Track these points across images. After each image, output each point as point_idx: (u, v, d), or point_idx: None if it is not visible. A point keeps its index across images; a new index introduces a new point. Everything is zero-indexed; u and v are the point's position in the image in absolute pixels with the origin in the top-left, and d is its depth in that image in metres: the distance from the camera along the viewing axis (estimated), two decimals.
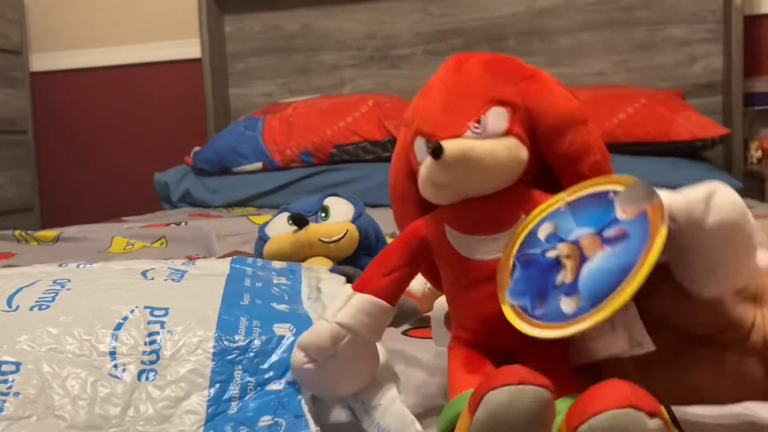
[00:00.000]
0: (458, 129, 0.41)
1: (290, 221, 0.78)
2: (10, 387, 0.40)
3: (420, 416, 0.48)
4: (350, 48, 2.42)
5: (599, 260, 0.35)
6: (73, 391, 0.40)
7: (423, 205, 0.46)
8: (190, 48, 2.53)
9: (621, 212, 0.36)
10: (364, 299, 0.42)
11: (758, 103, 2.06)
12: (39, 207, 2.75)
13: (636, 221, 0.35)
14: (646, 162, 1.75)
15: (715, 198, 0.33)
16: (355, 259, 0.79)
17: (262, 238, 0.81)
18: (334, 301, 0.43)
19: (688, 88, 2.12)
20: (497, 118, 0.41)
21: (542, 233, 0.39)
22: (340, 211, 0.81)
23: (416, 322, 0.69)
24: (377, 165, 2.00)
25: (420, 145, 0.44)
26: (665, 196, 0.35)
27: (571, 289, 0.35)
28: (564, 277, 0.36)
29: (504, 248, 0.40)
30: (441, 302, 0.62)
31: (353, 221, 0.80)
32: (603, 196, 0.38)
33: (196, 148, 2.21)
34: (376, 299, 0.42)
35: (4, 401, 0.39)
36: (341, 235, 0.77)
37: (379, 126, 2.02)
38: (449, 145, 0.40)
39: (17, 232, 1.46)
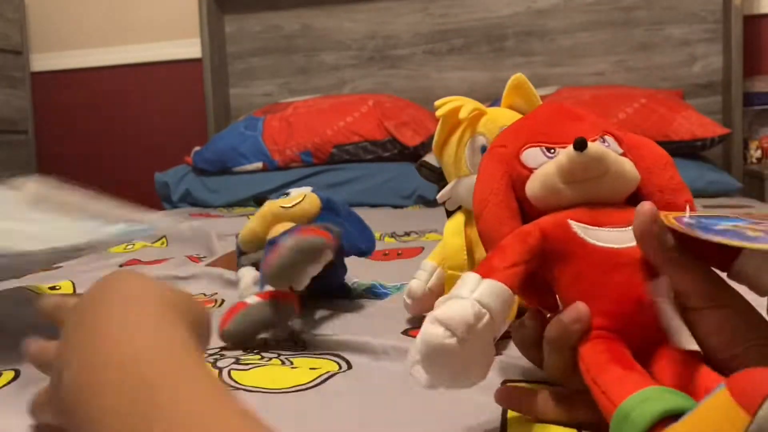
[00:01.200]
0: (587, 136, 0.43)
1: (255, 205, 0.82)
2: None
3: (419, 413, 0.48)
4: (350, 48, 2.42)
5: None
6: None
7: (520, 216, 0.46)
8: (190, 48, 2.53)
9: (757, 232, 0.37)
10: (495, 284, 0.40)
11: (758, 103, 2.06)
12: None
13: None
14: None
15: None
16: (319, 221, 0.81)
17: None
18: (462, 284, 0.41)
19: (688, 88, 2.13)
20: (613, 142, 0.46)
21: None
22: (299, 190, 0.84)
23: (416, 322, 0.70)
24: (377, 165, 2.01)
25: (533, 154, 0.45)
26: None
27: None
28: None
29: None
30: (441, 301, 0.62)
31: (312, 192, 0.83)
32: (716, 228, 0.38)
33: (197, 148, 2.22)
34: (504, 287, 0.40)
35: None
36: (299, 199, 0.80)
37: (379, 126, 2.02)
38: (591, 143, 0.42)
39: None
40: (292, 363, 0.61)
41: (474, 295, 0.39)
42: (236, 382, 0.56)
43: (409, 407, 0.49)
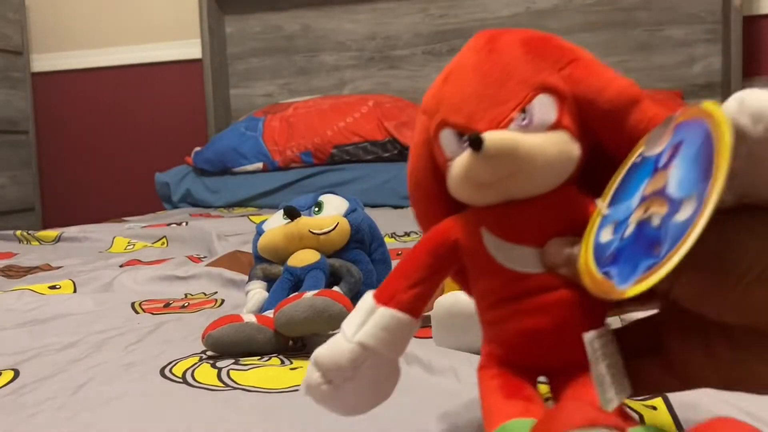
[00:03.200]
0: (499, 119, 0.36)
1: (284, 215, 0.79)
2: None
3: (419, 414, 0.48)
4: (350, 49, 2.42)
5: (674, 173, 0.30)
6: None
7: (450, 204, 0.40)
8: (190, 48, 2.53)
9: (657, 149, 0.32)
10: (387, 315, 0.37)
11: None
12: (40, 207, 2.75)
13: (676, 134, 0.31)
14: None
15: (746, 103, 0.28)
16: (345, 252, 0.79)
17: (259, 233, 0.82)
18: (354, 315, 0.39)
19: (688, 88, 2.13)
20: (545, 107, 0.36)
21: (605, 236, 0.34)
22: (333, 206, 0.81)
23: None
24: (377, 165, 2.01)
25: (449, 138, 0.38)
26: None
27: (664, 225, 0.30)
28: (655, 221, 0.31)
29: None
30: (441, 302, 0.62)
31: (345, 215, 0.80)
32: (632, 169, 0.34)
33: (197, 149, 2.22)
34: (401, 314, 0.37)
35: None
36: (331, 227, 0.78)
37: (379, 126, 2.03)
38: (491, 137, 0.34)
39: (18, 232, 1.46)
40: (291, 363, 0.61)
41: (356, 337, 0.37)
42: (235, 382, 0.56)
43: (408, 407, 0.49)
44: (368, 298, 0.39)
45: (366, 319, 0.37)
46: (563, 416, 0.28)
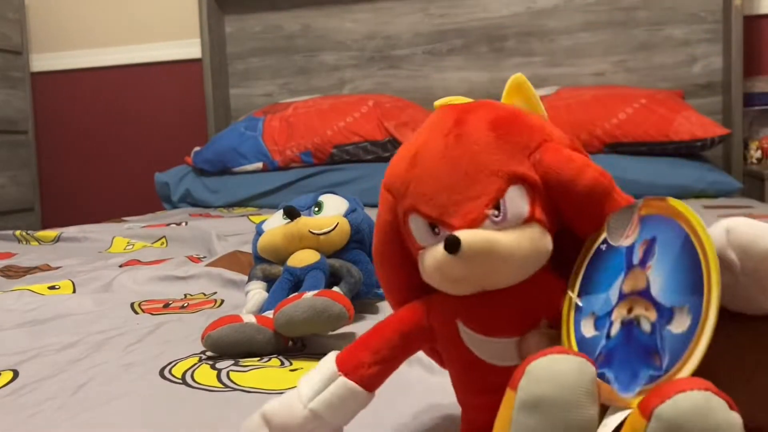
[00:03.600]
0: (473, 215, 0.36)
1: (284, 215, 0.79)
2: None
3: (419, 413, 0.48)
4: (350, 48, 2.42)
5: (656, 275, 0.31)
6: None
7: (415, 274, 0.39)
8: (190, 48, 2.53)
9: (624, 240, 0.34)
10: (346, 387, 0.38)
11: (758, 103, 2.06)
12: (39, 207, 2.75)
13: (644, 228, 0.33)
14: (645, 162, 1.76)
15: (733, 235, 0.30)
16: (344, 252, 0.79)
17: (259, 233, 0.82)
18: (313, 375, 0.39)
19: (688, 88, 2.13)
20: (517, 201, 0.36)
21: (588, 331, 0.34)
22: (333, 206, 0.82)
23: None
24: (377, 165, 2.01)
25: (419, 226, 0.38)
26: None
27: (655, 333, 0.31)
28: (645, 326, 0.32)
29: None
30: None
31: (345, 215, 0.80)
32: (597, 256, 0.35)
33: (197, 149, 2.22)
34: (359, 389, 0.38)
35: None
36: (331, 227, 0.78)
37: (379, 126, 2.02)
38: (468, 238, 0.34)
39: (18, 232, 1.46)
40: (291, 364, 0.61)
41: (311, 404, 0.37)
42: (235, 383, 0.56)
43: (408, 407, 0.49)
44: (330, 361, 0.39)
45: (325, 385, 0.38)
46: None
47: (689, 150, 1.80)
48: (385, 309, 0.78)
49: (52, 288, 0.93)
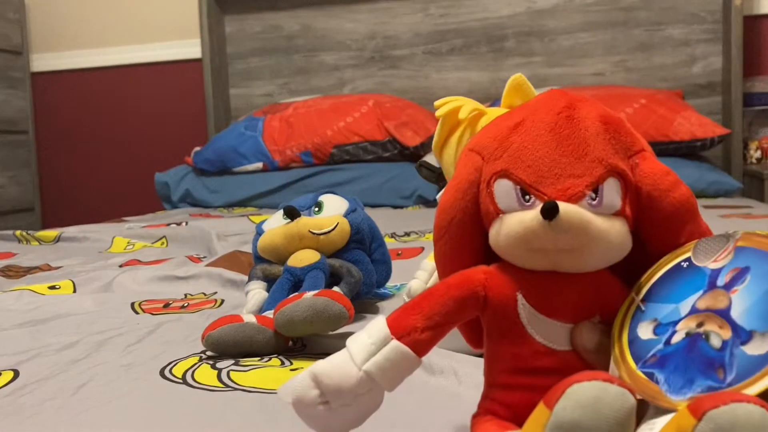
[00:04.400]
0: (573, 191, 0.36)
1: (284, 215, 0.79)
2: None
3: (419, 414, 0.48)
4: (350, 48, 2.42)
5: (741, 300, 0.32)
6: None
7: (481, 250, 0.39)
8: (190, 48, 2.53)
9: (711, 263, 0.34)
10: (399, 351, 0.36)
11: (758, 103, 2.06)
12: (40, 207, 2.75)
13: (738, 258, 0.33)
14: None
15: None
16: (344, 252, 0.79)
17: (259, 233, 0.82)
18: (364, 338, 0.37)
19: (688, 88, 2.13)
20: (613, 192, 0.36)
21: (645, 333, 0.34)
22: (333, 206, 0.81)
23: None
24: (377, 165, 2.01)
25: (507, 190, 0.37)
26: None
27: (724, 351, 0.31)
28: (714, 341, 0.31)
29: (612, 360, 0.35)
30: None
31: (345, 215, 0.80)
32: (675, 271, 0.35)
33: (197, 149, 2.22)
34: (412, 354, 0.37)
35: None
36: (331, 227, 0.78)
37: (379, 126, 2.03)
38: (567, 209, 0.34)
39: (18, 232, 1.46)
40: (291, 363, 0.61)
41: (366, 366, 0.36)
42: (235, 383, 0.56)
43: (408, 407, 0.49)
44: (382, 324, 0.37)
45: (378, 348, 0.37)
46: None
47: (689, 150, 1.81)
48: (386, 309, 0.78)
49: (52, 288, 0.93)
